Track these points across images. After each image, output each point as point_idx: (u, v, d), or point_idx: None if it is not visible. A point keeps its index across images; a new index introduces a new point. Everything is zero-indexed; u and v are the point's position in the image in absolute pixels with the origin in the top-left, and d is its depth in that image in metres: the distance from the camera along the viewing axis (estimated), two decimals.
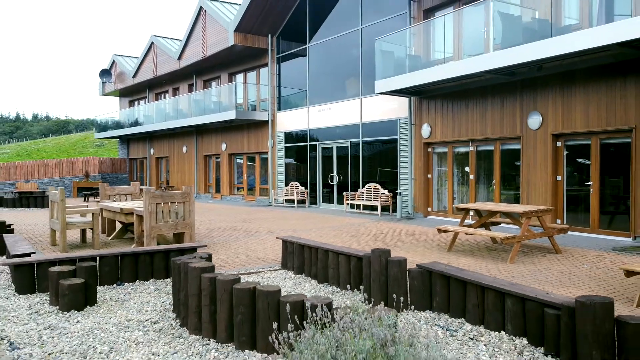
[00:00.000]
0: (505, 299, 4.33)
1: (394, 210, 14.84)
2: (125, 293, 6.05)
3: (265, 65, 20.75)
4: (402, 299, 4.97)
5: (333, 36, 17.40)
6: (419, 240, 10.03)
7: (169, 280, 6.71)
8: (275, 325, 3.19)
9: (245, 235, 10.92)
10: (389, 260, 5.17)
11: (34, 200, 19.75)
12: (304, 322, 3.12)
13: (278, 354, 3.96)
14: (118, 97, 33.79)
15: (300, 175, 18.98)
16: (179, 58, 23.94)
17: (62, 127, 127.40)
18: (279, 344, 3.37)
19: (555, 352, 3.77)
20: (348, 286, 4.27)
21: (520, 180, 11.43)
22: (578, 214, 10.58)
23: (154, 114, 26.62)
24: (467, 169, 13.08)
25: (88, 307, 5.41)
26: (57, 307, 5.37)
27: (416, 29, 13.40)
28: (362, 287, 4.01)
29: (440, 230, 8.68)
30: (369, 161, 16.05)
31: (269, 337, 3.76)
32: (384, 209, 15.07)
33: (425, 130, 13.87)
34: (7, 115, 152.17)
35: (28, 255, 6.54)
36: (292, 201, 18.81)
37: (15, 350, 4.10)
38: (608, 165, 10.10)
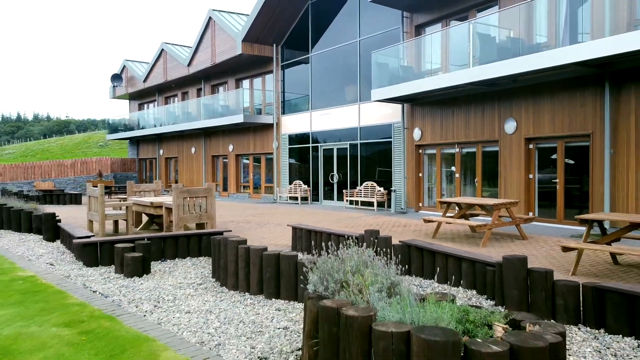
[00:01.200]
0: (462, 263, 5.91)
1: (389, 206, 16.41)
2: (170, 266, 7.62)
3: (271, 72, 22.32)
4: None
5: (333, 47, 18.98)
6: (408, 229, 11.60)
7: (202, 258, 8.27)
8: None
9: (256, 227, 12.49)
10: (378, 237, 6.74)
11: (56, 197, 21.32)
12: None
13: (297, 300, 5.54)
14: (128, 100, 35.35)
15: (303, 175, 20.57)
16: (189, 64, 25.50)
17: (63, 127, 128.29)
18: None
19: (492, 297, 5.35)
20: None
21: (499, 178, 13.01)
22: (547, 207, 12.16)
23: (164, 116, 28.20)
24: (453, 168, 14.66)
25: (145, 275, 6.97)
26: (122, 274, 6.93)
27: (408, 43, 14.97)
28: None
29: (426, 221, 10.26)
30: (366, 161, 17.63)
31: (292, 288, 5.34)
32: (380, 204, 16.65)
33: (417, 133, 15.44)
34: (8, 116, 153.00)
35: (89, 237, 8.11)
36: (296, 198, 20.38)
37: (108, 297, 5.68)
38: (571, 165, 11.67)
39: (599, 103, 10.86)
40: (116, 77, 33.07)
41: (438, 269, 6.18)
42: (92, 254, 7.58)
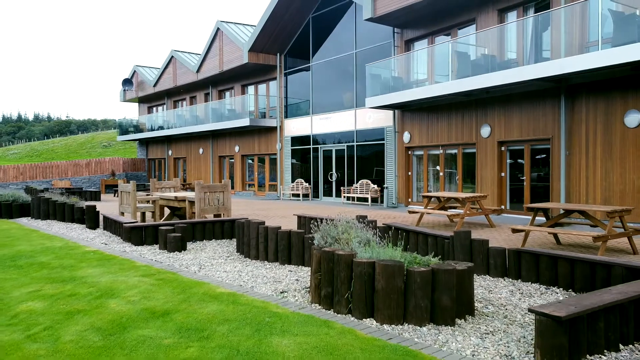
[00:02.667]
0: (428, 238, 7.82)
1: (382, 201, 18.32)
2: (200, 245, 9.52)
3: (274, 78, 24.23)
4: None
5: (332, 57, 20.89)
6: (396, 220, 13.51)
7: (224, 240, 10.17)
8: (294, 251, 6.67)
9: (264, 218, 14.40)
10: (366, 220, 8.64)
11: (77, 195, 23.20)
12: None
13: (302, 264, 7.44)
14: (137, 103, 37.23)
15: (304, 173, 22.47)
16: (198, 71, 27.40)
17: (64, 127, 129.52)
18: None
19: (447, 260, 7.26)
20: None
21: (476, 176, 14.92)
22: (516, 200, 14.06)
23: (173, 119, 30.11)
24: (438, 167, 16.57)
25: (183, 251, 8.86)
26: (166, 250, 8.83)
27: (399, 57, 16.87)
28: None
29: (410, 212, 12.18)
30: (362, 161, 19.55)
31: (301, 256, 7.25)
32: (374, 200, 18.56)
33: (406, 136, 17.35)
34: (9, 116, 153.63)
35: (134, 223, 10.01)
36: (298, 195, 22.29)
37: (162, 263, 7.57)
38: (535, 164, 13.59)
39: (556, 112, 12.77)
40: (127, 82, 34.95)
41: (412, 243, 8.09)
42: (138, 235, 9.48)
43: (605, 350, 3.87)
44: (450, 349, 3.97)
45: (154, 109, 35.48)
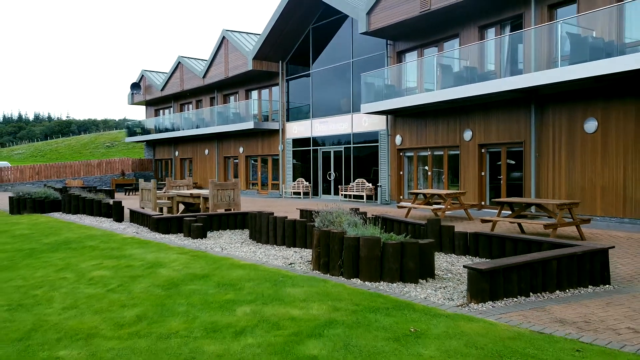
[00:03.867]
0: (408, 226, 9.50)
1: (376, 199, 20.00)
2: (217, 234, 11.18)
3: (277, 84, 25.91)
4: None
5: (331, 65, 22.57)
6: (387, 214, 15.17)
7: (237, 230, 11.84)
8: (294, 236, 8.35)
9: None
10: (358, 212, 10.32)
11: (94, 192, 24.82)
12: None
13: (305, 247, 9.11)
14: (144, 106, 38.89)
15: (304, 173, 24.15)
16: (204, 76, 29.08)
17: (65, 127, 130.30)
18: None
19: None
20: None
21: (460, 175, 16.60)
22: (495, 197, 15.74)
23: (180, 122, 31.78)
24: (426, 167, 18.25)
25: (204, 238, 10.53)
26: (190, 237, 10.50)
27: (391, 67, 18.55)
28: None
29: (399, 207, 13.86)
30: (358, 162, 21.23)
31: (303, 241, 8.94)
32: (369, 197, 20.24)
33: (398, 139, 19.03)
34: (10, 115, 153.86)
35: (161, 215, 11.68)
36: (299, 193, 23.97)
37: (188, 246, 9.26)
38: (511, 165, 15.27)
39: (528, 119, 14.46)
40: (135, 86, 36.61)
41: (395, 230, 9.78)
42: (165, 225, 11.16)
43: (517, 296, 5.55)
44: (410, 295, 5.66)
45: (161, 111, 37.14)
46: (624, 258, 8.19)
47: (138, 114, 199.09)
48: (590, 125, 12.94)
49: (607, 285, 6.31)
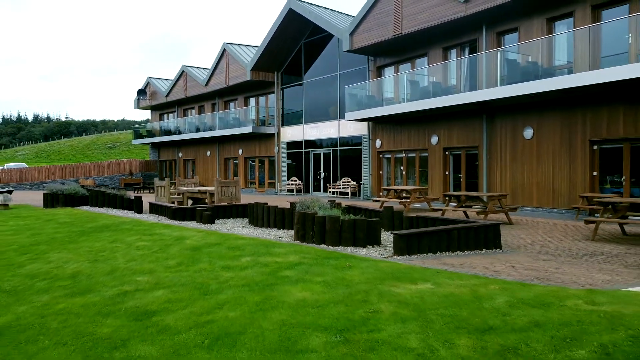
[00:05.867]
0: (371, 213, 12.28)
1: (359, 195, 22.79)
2: (222, 221, 13.94)
3: (272, 92, 28.69)
4: None
5: (320, 76, 25.36)
6: (358, 205, 17.96)
7: (238, 219, 14.60)
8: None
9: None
10: (333, 202, 13.11)
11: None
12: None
13: (292, 229, 11.90)
14: (149, 110, 41.62)
15: (297, 172, 26.92)
16: (206, 84, 31.84)
17: (64, 128, 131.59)
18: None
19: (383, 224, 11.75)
20: None
21: (428, 174, 19.40)
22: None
23: (183, 126, 34.53)
24: (402, 167, 21.04)
25: (212, 224, 13.28)
26: (202, 223, 13.26)
27: (372, 80, 21.34)
28: None
29: (374, 201, 16.64)
30: (344, 162, 24.01)
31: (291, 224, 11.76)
32: (353, 193, 23.03)
33: (378, 143, 21.81)
34: (9, 116, 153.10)
35: (177, 206, 14.43)
36: (292, 190, 26.74)
37: (201, 228, 12.04)
38: (470, 165, 18.07)
39: (481, 126, 17.27)
40: (141, 92, 39.35)
41: (361, 214, 12.58)
42: (181, 214, 13.93)
43: (427, 252, 8.34)
44: (356, 252, 8.45)
45: (165, 116, 39.88)
46: (529, 235, 11.01)
47: (137, 114, 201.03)
48: (528, 133, 15.76)
49: (498, 249, 9.11)
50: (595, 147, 14.26)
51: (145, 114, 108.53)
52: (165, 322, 4.84)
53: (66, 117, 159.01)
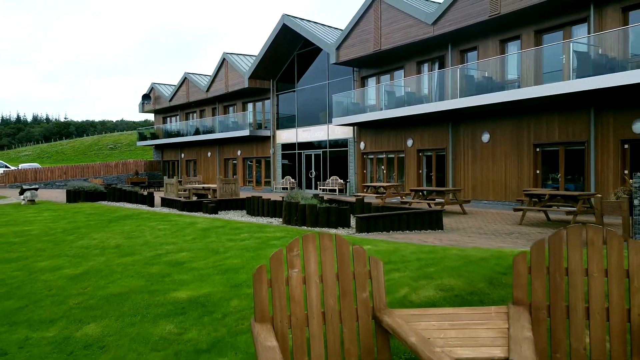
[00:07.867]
0: (347, 204, 14.90)
1: (346, 191, 25.40)
2: (224, 212, 16.54)
3: (268, 98, 31.31)
4: None
5: (311, 85, 27.98)
6: (338, 198, 20.60)
7: (238, 210, 17.19)
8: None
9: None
10: (317, 196, 15.72)
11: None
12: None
13: (281, 217, 14.54)
14: (153, 114, 44.19)
15: (291, 172, 29.53)
16: (207, 91, 34.44)
17: (63, 128, 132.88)
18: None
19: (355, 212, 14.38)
20: None
21: (405, 172, 22.02)
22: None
23: (186, 129, 37.12)
24: (382, 167, 23.67)
25: (216, 214, 15.87)
26: (207, 213, 15.86)
27: (356, 90, 23.96)
28: None
29: (355, 197, 19.26)
30: (332, 162, 26.63)
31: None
32: (340, 190, 25.65)
33: (362, 145, 24.43)
34: (8, 117, 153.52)
35: (186, 200, 17.04)
36: (287, 188, 29.34)
37: (207, 217, 14.66)
38: (439, 165, 20.70)
39: (448, 131, 19.91)
40: (146, 97, 41.93)
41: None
42: (189, 206, 16.53)
43: (382, 231, 10.96)
44: (329, 231, 11.07)
45: (168, 119, 42.47)
46: (473, 221, 13.64)
47: (137, 115, 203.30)
48: (485, 137, 18.40)
49: (440, 230, 11.74)
50: (538, 149, 16.92)
51: (144, 116, 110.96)
52: (192, 266, 7.44)
53: (65, 118, 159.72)
